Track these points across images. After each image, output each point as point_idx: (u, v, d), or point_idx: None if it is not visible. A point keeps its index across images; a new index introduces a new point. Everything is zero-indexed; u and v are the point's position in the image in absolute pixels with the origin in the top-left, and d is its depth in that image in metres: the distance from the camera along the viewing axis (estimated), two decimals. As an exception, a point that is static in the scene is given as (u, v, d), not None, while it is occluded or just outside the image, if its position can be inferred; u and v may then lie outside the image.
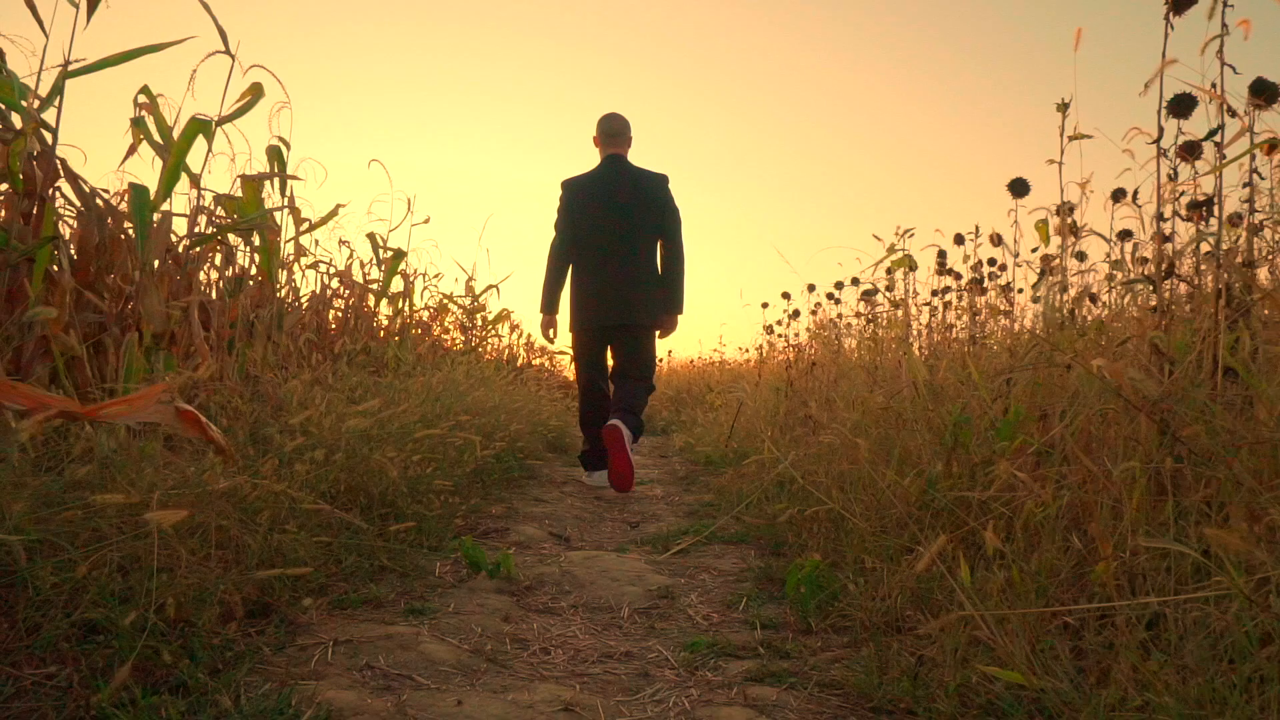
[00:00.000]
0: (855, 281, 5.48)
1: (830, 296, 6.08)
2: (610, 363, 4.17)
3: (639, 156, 4.22)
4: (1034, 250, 2.60)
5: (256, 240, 3.43)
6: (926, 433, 2.40)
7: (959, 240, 4.03)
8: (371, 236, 5.21)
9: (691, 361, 12.98)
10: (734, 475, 3.66)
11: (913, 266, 4.06)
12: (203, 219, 3.11)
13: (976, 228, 3.67)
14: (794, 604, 1.86)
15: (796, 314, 6.07)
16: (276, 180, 3.59)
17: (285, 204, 3.40)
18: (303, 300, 4.55)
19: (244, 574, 1.58)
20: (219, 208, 3.37)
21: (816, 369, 5.05)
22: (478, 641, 1.60)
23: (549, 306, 4.18)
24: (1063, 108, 2.44)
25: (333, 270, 4.96)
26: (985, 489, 1.99)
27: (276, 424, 2.56)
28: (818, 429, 3.60)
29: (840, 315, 6.33)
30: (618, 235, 3.98)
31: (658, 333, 4.16)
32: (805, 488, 2.38)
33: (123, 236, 2.91)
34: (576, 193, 4.09)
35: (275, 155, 3.48)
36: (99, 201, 2.92)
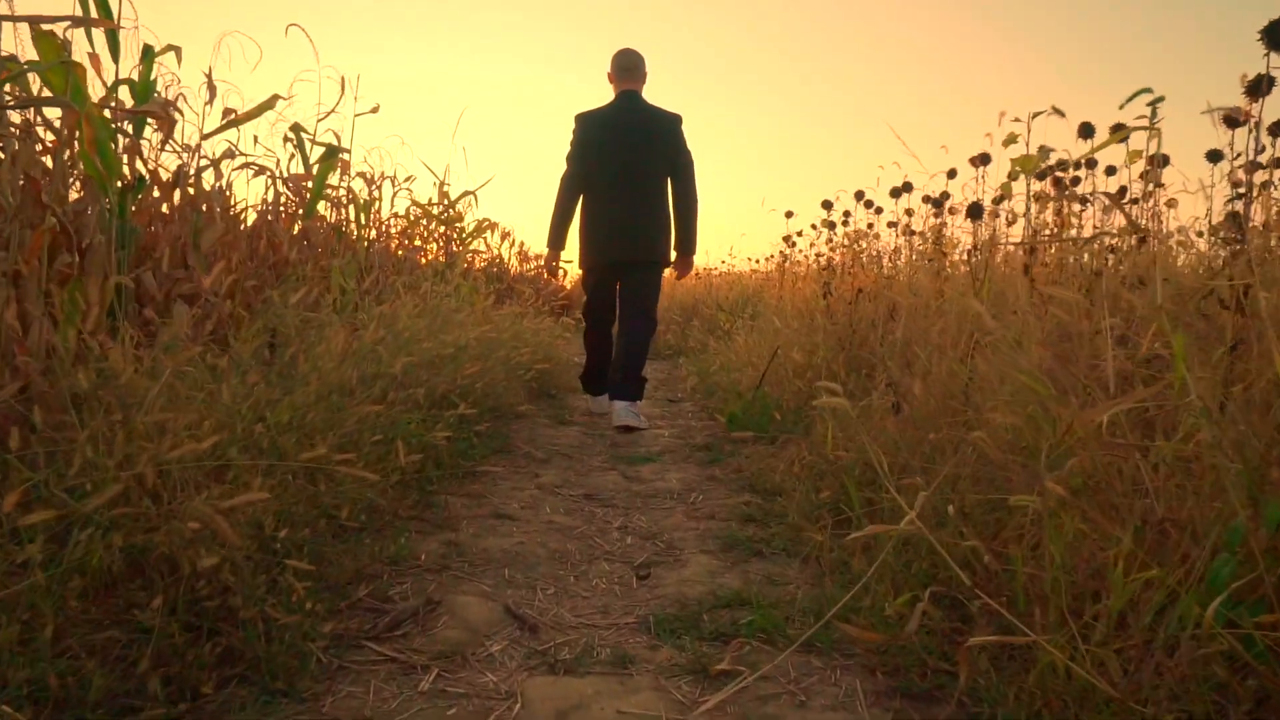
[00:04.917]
0: (908, 187, 4.30)
1: (870, 205, 4.88)
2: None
3: (657, 76, 3.32)
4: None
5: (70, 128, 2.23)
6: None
7: (1085, 132, 2.87)
8: (296, 128, 3.95)
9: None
10: (786, 477, 2.56)
11: (1036, 169, 2.89)
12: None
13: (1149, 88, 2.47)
14: None
15: (833, 225, 4.90)
16: (99, 36, 2.38)
17: (88, 57, 2.20)
18: (236, 210, 3.40)
19: None
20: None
21: (863, 297, 3.94)
22: None
23: (556, 242, 4.17)
24: None
25: (269, 175, 3.78)
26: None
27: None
28: (903, 403, 2.50)
29: (870, 225, 5.14)
30: (629, 171, 3.95)
31: (676, 275, 4.14)
32: (958, 576, 1.28)
33: None
34: (589, 127, 4.03)
35: (88, -6, 2.25)
36: None
